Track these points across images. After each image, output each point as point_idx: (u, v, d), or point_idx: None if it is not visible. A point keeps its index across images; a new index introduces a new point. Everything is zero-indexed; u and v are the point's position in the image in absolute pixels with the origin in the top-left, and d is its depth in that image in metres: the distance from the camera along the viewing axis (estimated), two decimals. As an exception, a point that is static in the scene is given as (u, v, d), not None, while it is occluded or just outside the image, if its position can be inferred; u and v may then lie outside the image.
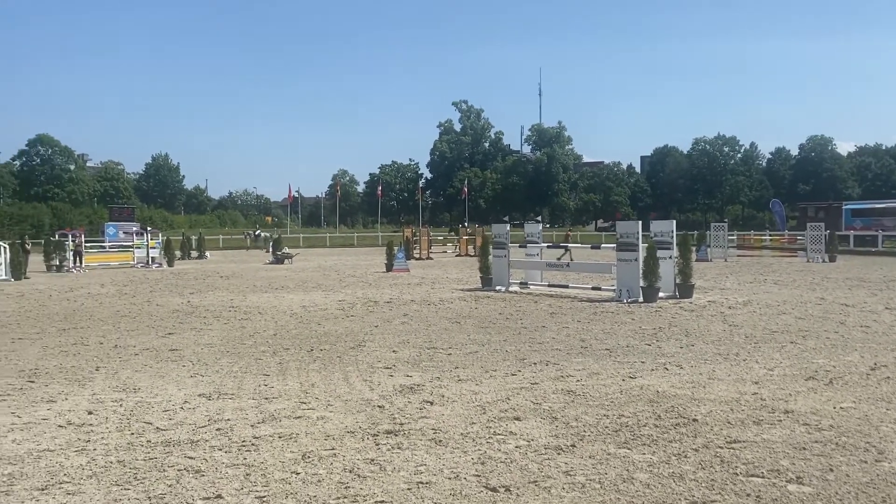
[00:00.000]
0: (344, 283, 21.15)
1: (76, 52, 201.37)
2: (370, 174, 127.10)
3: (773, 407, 6.39)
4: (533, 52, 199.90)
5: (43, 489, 4.54)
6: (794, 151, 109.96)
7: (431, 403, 6.61)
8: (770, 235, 45.31)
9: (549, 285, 18.12)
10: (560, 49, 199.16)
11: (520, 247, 19.43)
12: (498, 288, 18.00)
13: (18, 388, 7.59)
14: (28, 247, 28.36)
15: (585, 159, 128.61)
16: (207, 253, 43.08)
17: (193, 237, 44.22)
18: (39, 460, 5.13)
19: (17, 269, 25.03)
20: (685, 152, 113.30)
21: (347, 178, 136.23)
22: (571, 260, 22.93)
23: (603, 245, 25.11)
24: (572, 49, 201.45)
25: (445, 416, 6.18)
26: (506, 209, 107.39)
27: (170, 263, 33.33)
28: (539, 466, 4.87)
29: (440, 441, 5.44)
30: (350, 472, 4.78)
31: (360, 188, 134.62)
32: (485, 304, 15.03)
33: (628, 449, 5.25)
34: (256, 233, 52.62)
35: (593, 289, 16.98)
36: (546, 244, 21.24)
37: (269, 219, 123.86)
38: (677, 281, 15.83)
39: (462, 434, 5.62)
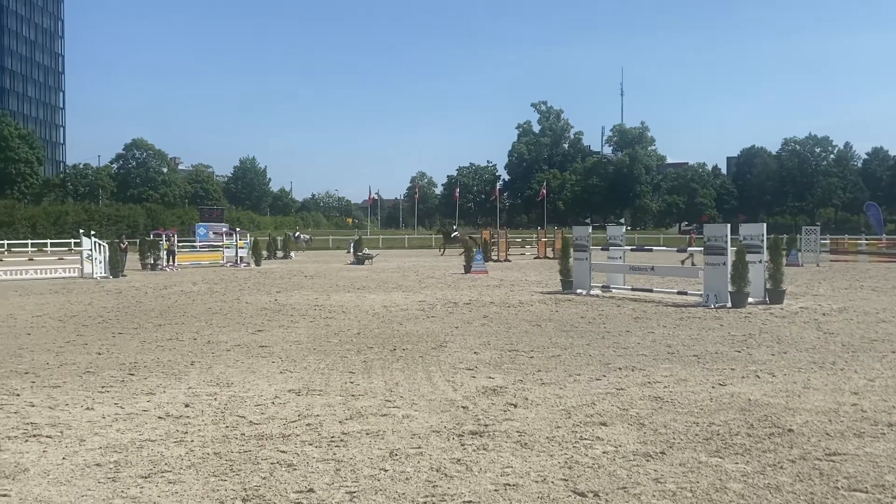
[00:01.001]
0: (423, 284, 21.34)
1: (170, 58, 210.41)
2: (448, 176, 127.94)
3: (875, 419, 6.09)
4: (615, 52, 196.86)
5: (146, 477, 4.76)
6: (894, 152, 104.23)
7: (515, 406, 6.60)
8: (867, 239, 43.09)
9: (633, 289, 17.78)
10: (643, 47, 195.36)
11: (602, 249, 19.16)
12: (579, 291, 17.79)
13: (120, 380, 7.99)
14: (125, 246, 29.85)
15: (669, 160, 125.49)
16: (292, 253, 44.28)
17: (279, 238, 45.50)
18: (142, 449, 5.39)
19: (115, 266, 26.37)
20: (774, 153, 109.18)
21: (426, 181, 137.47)
22: (693, 264, 22.35)
23: (689, 248, 24.43)
24: (656, 47, 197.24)
25: (530, 419, 6.15)
26: (585, 211, 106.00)
27: (257, 263, 34.42)
28: (628, 473, 4.79)
29: (525, 444, 5.42)
30: (437, 471, 4.82)
31: (438, 190, 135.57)
32: (566, 308, 14.89)
33: (720, 458, 5.10)
34: (296, 234, 53.37)
35: (679, 293, 16.58)
36: (629, 247, 20.85)
37: (350, 220, 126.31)
38: (767, 286, 15.27)
39: (548, 437, 5.59)
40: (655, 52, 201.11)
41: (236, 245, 34.97)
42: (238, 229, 40.00)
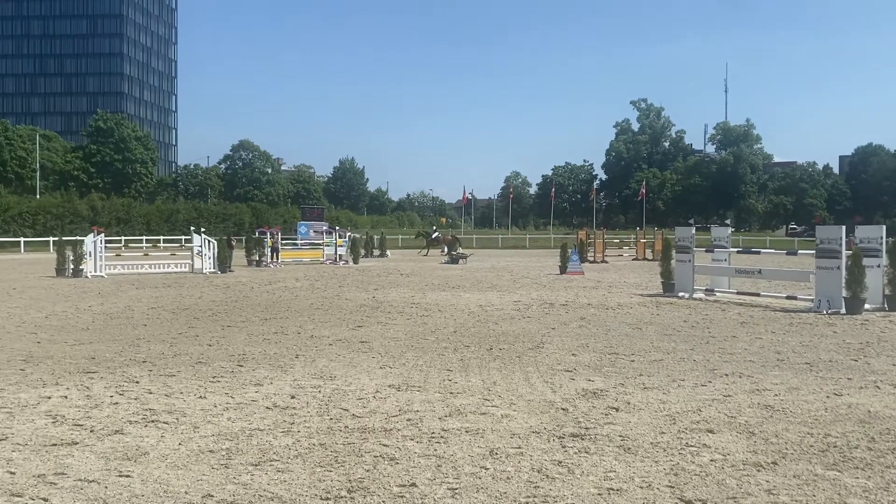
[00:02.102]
0: (518, 284, 21.26)
1: (275, 62, 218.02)
2: (543, 176, 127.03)
3: None
4: (718, 47, 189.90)
5: (256, 465, 4.95)
6: None
7: (617, 410, 6.46)
8: None
9: (738, 293, 17.09)
10: (749, 42, 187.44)
11: (706, 251, 18.51)
12: (681, 294, 17.26)
13: (230, 371, 8.35)
14: (233, 243, 31.17)
15: (776, 159, 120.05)
16: (388, 252, 45.04)
17: (376, 236, 46.38)
18: (251, 438, 5.60)
19: (224, 262, 27.59)
20: (893, 151, 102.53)
21: (520, 180, 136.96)
22: None
23: (800, 251, 23.28)
24: (763, 42, 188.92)
25: (633, 423, 6.01)
26: (686, 211, 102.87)
27: (355, 261, 35.21)
28: (737, 482, 4.61)
29: (629, 448, 5.30)
30: (538, 472, 4.78)
31: (532, 190, 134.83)
32: (667, 311, 14.48)
33: (838, 471, 4.82)
34: (435, 234, 53.31)
35: (788, 298, 15.81)
36: (735, 249, 20.06)
37: (444, 220, 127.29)
38: (886, 292, 14.34)
39: (652, 443, 5.44)
40: (763, 46, 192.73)
41: (336, 243, 35.87)
42: (338, 228, 41.01)
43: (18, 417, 6.26)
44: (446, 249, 40.13)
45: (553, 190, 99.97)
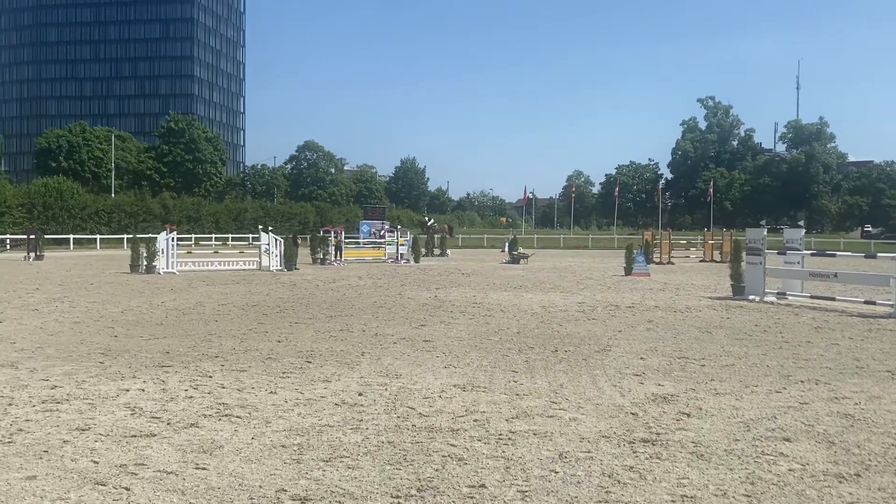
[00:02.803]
0: (581, 286, 21.02)
1: (339, 64, 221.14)
2: (606, 175, 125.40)
3: None
4: (790, 43, 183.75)
5: (327, 461, 5.02)
6: None
7: (688, 415, 6.32)
8: None
9: (812, 297, 16.50)
10: (822, 37, 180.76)
11: (778, 253, 17.94)
12: (751, 297, 16.77)
13: (298, 367, 8.50)
14: (299, 241, 31.76)
15: (851, 158, 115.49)
16: (449, 251, 45.16)
17: (436, 236, 46.54)
18: (322, 434, 5.69)
19: (290, 260, 28.13)
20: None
21: (582, 179, 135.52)
22: None
23: (879, 254, 22.35)
24: (837, 36, 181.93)
25: (705, 429, 5.86)
26: (755, 212, 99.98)
27: (416, 260, 35.43)
28: (818, 494, 4.44)
29: (702, 455, 5.17)
30: (609, 476, 4.71)
31: (595, 189, 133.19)
32: (737, 314, 14.08)
33: (928, 487, 4.60)
34: (430, 222, 50.91)
35: (865, 302, 15.18)
36: (809, 251, 19.38)
37: (504, 219, 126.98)
38: (975, 298, 13.63)
39: (726, 450, 5.30)
40: (837, 41, 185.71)
41: (397, 242, 36.17)
42: (399, 227, 41.33)
43: (99, 409, 6.51)
44: (436, 240, 40.10)
45: (617, 189, 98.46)
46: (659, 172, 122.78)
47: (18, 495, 4.39)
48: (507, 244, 42.78)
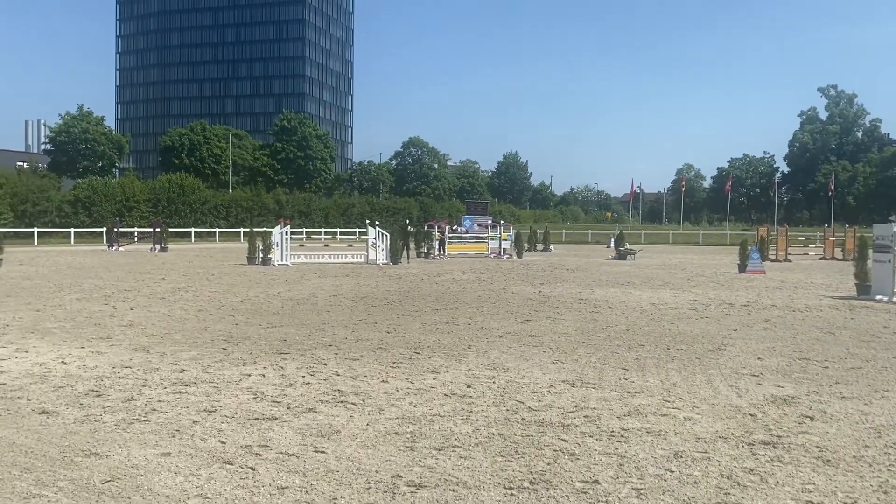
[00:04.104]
0: (692, 283, 20.35)
1: (442, 62, 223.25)
2: (718, 168, 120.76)
3: None
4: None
5: (440, 450, 5.12)
6: None
7: (812, 419, 6.02)
8: None
9: (948, 298, 15.30)
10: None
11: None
12: (878, 297, 15.74)
13: (408, 357, 8.68)
14: (411, 230, 32.27)
15: None
16: (552, 246, 44.77)
17: (539, 231, 46.25)
18: (433, 423, 5.80)
19: (395, 254, 28.69)
20: None
21: (692, 173, 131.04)
22: None
23: None
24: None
25: (831, 434, 5.58)
26: (882, 208, 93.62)
27: (519, 255, 35.33)
28: (961, 509, 4.15)
29: (828, 461, 4.92)
30: (728, 478, 4.56)
31: (706, 183, 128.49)
32: (863, 315, 13.27)
33: None
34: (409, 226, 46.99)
35: None
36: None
37: (609, 214, 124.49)
38: None
39: (854, 457, 5.02)
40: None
41: (500, 237, 36.19)
42: (502, 222, 41.34)
43: (224, 392, 6.88)
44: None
45: (729, 183, 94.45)
46: (775, 166, 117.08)
47: (155, 470, 4.71)
48: (612, 239, 41.98)
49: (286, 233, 27.30)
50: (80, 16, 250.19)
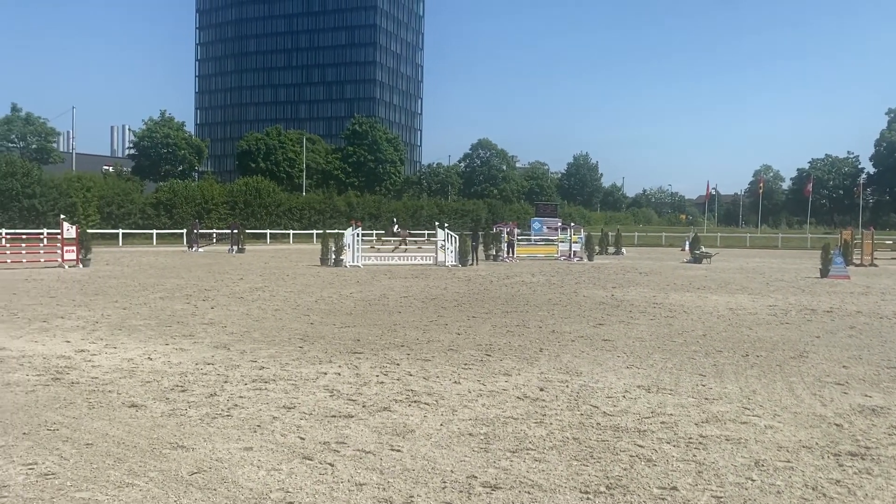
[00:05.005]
0: (772, 288, 19.69)
1: (510, 64, 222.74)
2: (798, 169, 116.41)
3: None
4: None
5: (514, 452, 5.13)
6: None
7: (903, 430, 5.77)
8: None
9: None
10: None
11: None
12: (975, 305, 14.91)
13: (479, 359, 8.71)
14: (480, 235, 32.34)
15: None
16: (624, 249, 44.06)
17: (611, 233, 45.60)
18: (506, 426, 5.81)
19: (464, 256, 28.78)
20: None
21: (771, 174, 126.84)
22: None
23: None
24: None
25: (924, 447, 5.33)
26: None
27: (590, 258, 34.92)
28: None
29: (922, 475, 4.71)
30: (812, 489, 4.42)
31: (786, 185, 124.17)
32: (958, 323, 12.58)
33: None
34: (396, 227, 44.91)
35: None
36: None
37: (683, 216, 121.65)
38: None
39: (951, 472, 4.79)
40: None
41: (570, 239, 35.84)
42: (572, 224, 40.93)
43: (302, 389, 7.07)
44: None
45: (810, 185, 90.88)
46: (860, 166, 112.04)
47: (238, 463, 4.89)
48: (687, 242, 41.01)
49: (358, 234, 27.75)
50: (163, 26, 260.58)
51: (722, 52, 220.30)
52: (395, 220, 47.96)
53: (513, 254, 34.10)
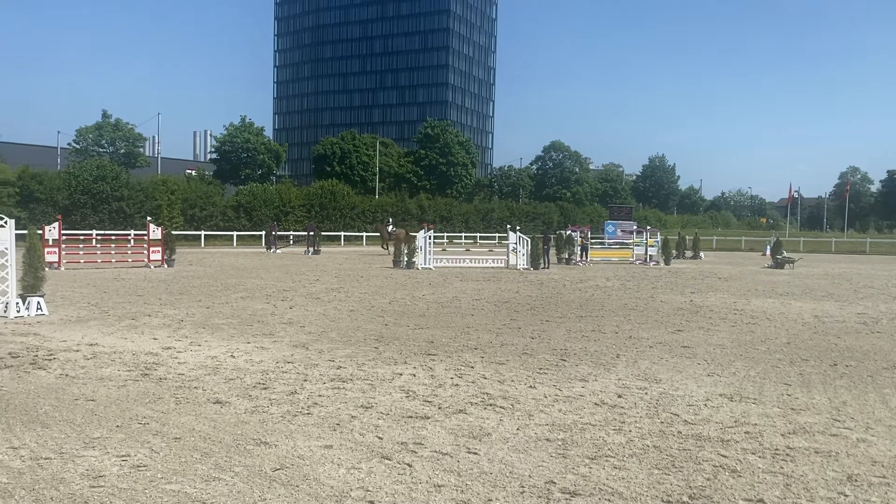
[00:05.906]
0: (860, 294, 18.82)
1: (584, 66, 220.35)
2: (887, 171, 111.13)
3: None
4: None
5: (593, 458, 5.06)
6: None
7: None
8: None
9: None
10: None
11: None
12: None
13: (554, 364, 8.64)
14: (546, 246, 32.08)
15: None
16: (702, 253, 42.92)
17: (688, 237, 44.47)
18: (584, 432, 5.74)
19: (536, 259, 28.59)
20: None
21: (858, 176, 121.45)
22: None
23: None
24: None
25: None
26: None
27: (666, 262, 34.16)
28: None
29: None
30: (912, 508, 4.21)
31: (874, 187, 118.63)
32: None
33: None
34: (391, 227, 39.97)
35: None
36: None
37: (764, 220, 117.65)
38: None
39: None
40: None
41: (646, 243, 35.14)
42: (648, 227, 40.13)
43: (378, 389, 7.16)
44: (391, 248, 33.42)
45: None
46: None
47: (319, 461, 4.99)
48: (768, 247, 39.65)
49: (429, 237, 27.93)
50: (243, 33, 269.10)
51: (807, 50, 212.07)
52: (389, 219, 47.90)
53: (586, 257, 33.68)
